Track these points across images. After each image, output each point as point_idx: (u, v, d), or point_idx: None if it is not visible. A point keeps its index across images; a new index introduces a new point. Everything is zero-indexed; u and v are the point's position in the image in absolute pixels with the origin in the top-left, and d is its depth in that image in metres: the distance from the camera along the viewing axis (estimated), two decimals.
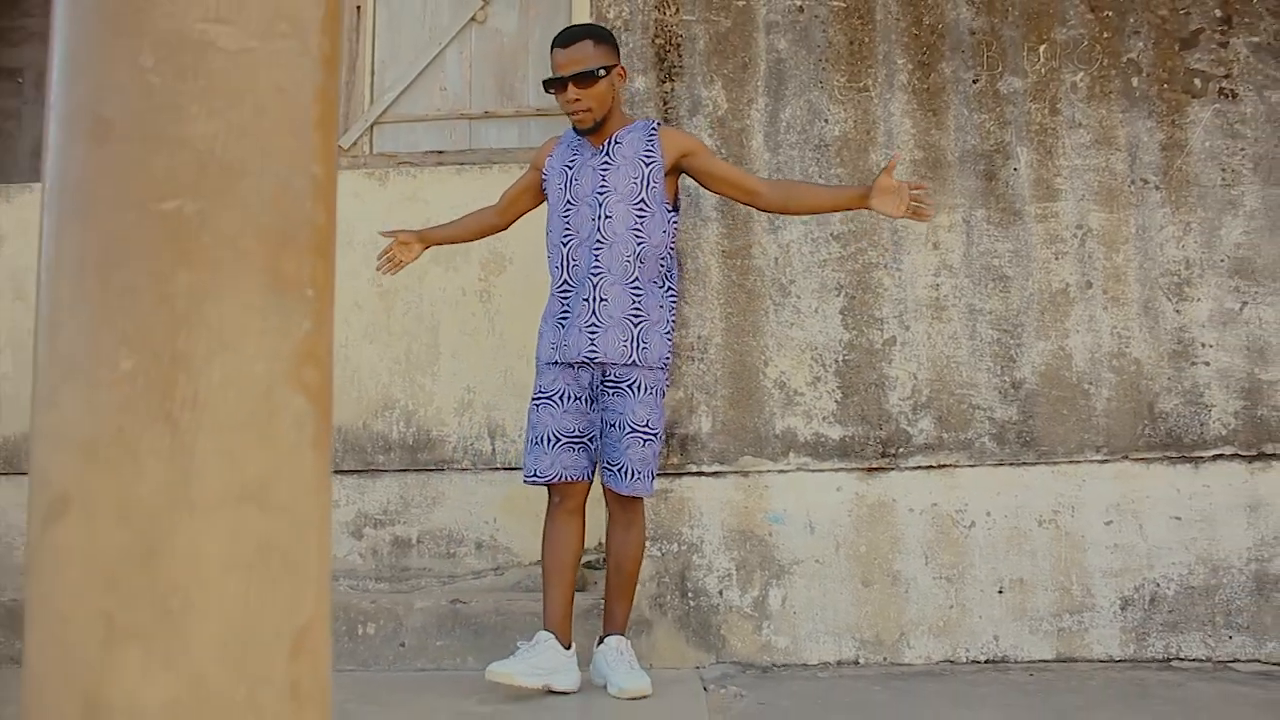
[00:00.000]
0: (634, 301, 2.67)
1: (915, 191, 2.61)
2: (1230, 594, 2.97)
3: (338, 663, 3.01)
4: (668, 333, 2.72)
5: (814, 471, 3.04)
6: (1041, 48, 3.17)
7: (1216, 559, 2.99)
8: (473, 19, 3.97)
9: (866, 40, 3.19)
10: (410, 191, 3.73)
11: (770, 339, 3.09)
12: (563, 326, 2.71)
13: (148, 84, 0.78)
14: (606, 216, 2.67)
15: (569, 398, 2.70)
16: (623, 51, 3.19)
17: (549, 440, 2.67)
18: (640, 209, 2.68)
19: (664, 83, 3.19)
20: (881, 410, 3.06)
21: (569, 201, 2.73)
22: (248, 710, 0.76)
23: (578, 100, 2.66)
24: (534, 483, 2.70)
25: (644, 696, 2.56)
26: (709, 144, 3.09)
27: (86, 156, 0.79)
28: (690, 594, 3.01)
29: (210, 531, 0.76)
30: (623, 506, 2.72)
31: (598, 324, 2.65)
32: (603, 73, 2.67)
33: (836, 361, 3.09)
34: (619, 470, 2.66)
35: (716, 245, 3.13)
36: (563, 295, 2.73)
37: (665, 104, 3.18)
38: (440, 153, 3.89)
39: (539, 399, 2.72)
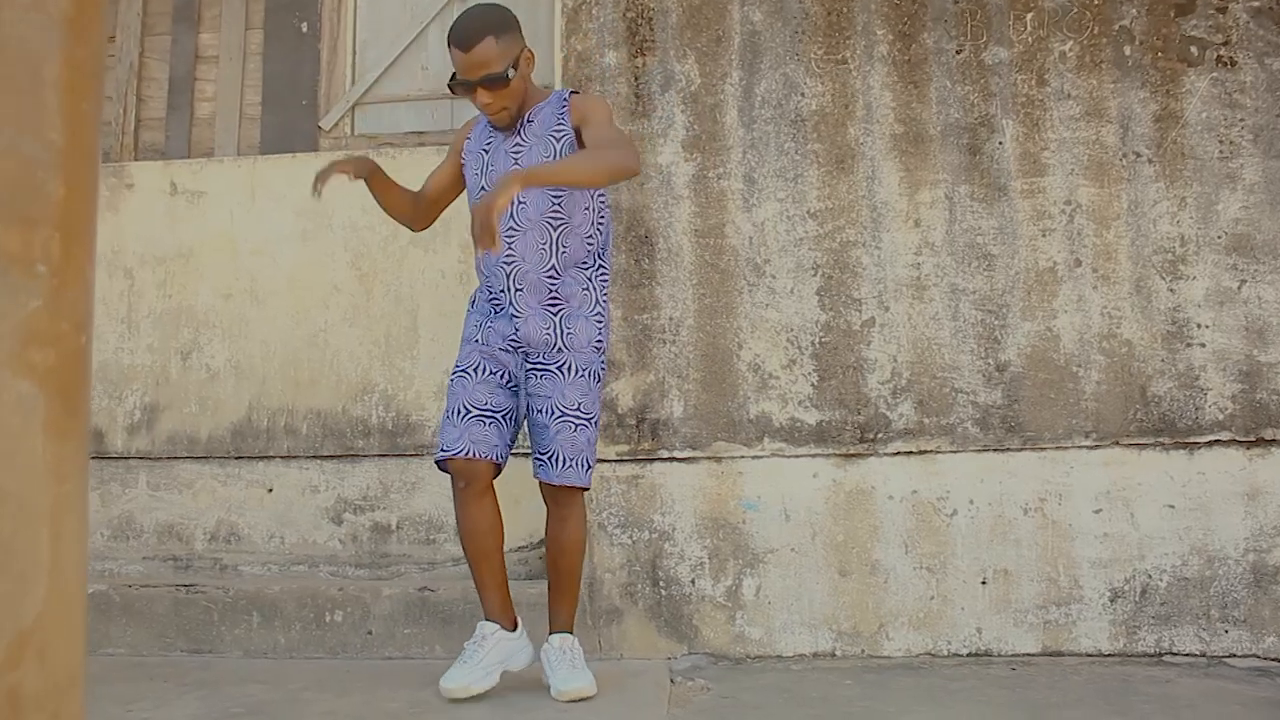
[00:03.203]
0: (551, 290, 2.51)
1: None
2: (1226, 586, 2.84)
3: (304, 650, 2.98)
4: (597, 314, 2.54)
5: (789, 457, 2.95)
6: (1028, 16, 3.04)
7: (1212, 549, 2.86)
8: None
9: (845, 10, 3.07)
10: (390, 172, 3.66)
11: (744, 320, 3.00)
12: (492, 313, 2.58)
13: None
14: (520, 202, 2.49)
15: (484, 370, 2.53)
16: (594, 26, 3.11)
17: (458, 412, 2.50)
18: (553, 192, 2.50)
19: (635, 57, 3.09)
20: (860, 394, 2.96)
21: (483, 188, 2.56)
22: None
23: (490, 103, 2.49)
24: (441, 459, 2.50)
25: (585, 698, 2.44)
26: (680, 120, 3.00)
27: None
28: (661, 583, 2.93)
29: None
30: (557, 500, 2.53)
31: (517, 313, 2.52)
32: (512, 72, 2.47)
33: (813, 343, 2.98)
34: (549, 458, 2.48)
35: (689, 224, 3.03)
36: (487, 284, 2.59)
37: (636, 79, 3.08)
38: (422, 133, 3.82)
39: (454, 373, 2.58)
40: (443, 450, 2.50)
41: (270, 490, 3.60)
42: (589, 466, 2.52)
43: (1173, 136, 2.98)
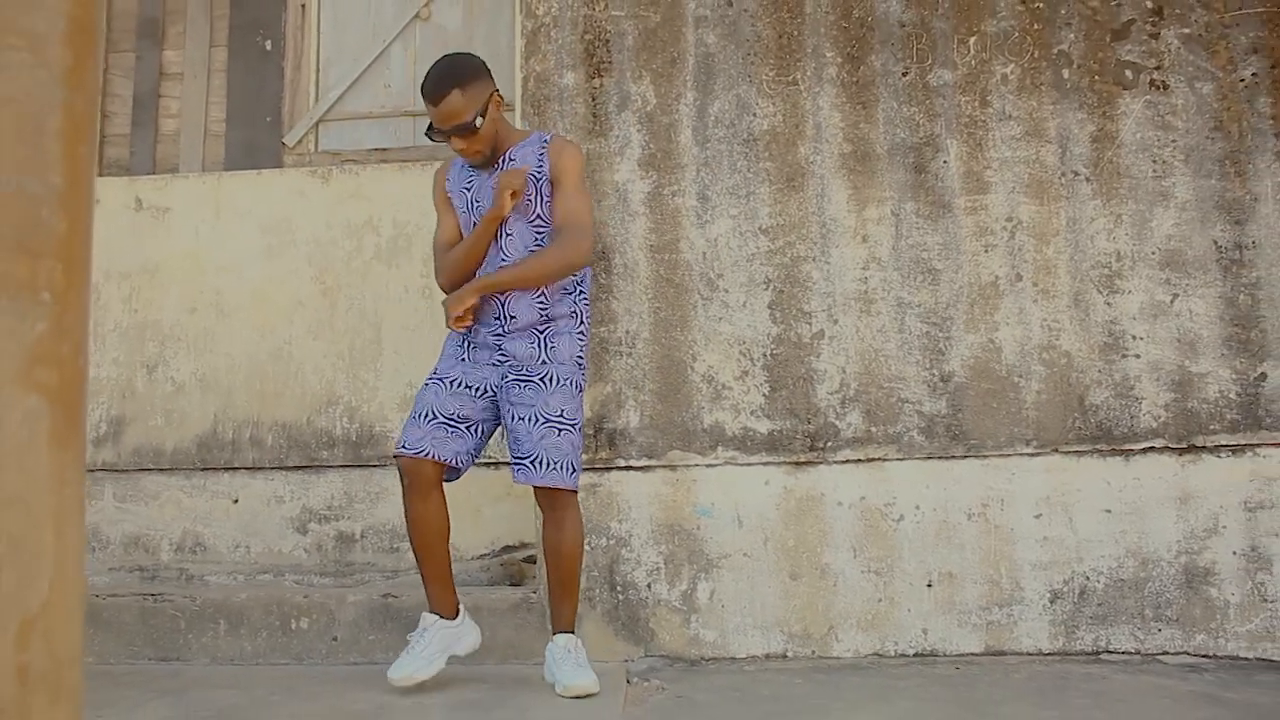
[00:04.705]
0: (541, 313, 2.66)
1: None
2: (1159, 587, 2.98)
3: (271, 657, 3.04)
4: (580, 332, 2.69)
5: (742, 465, 3.05)
6: (972, 40, 3.17)
7: (1146, 552, 2.99)
8: (417, 16, 3.98)
9: (795, 34, 3.19)
10: (353, 189, 3.74)
11: (698, 333, 3.10)
12: (467, 338, 2.71)
13: None
14: (507, 234, 2.66)
15: (460, 385, 2.66)
16: (552, 48, 3.21)
17: (425, 415, 2.62)
18: (538, 226, 2.67)
19: (593, 78, 3.19)
20: (810, 404, 3.07)
21: (474, 224, 2.70)
22: None
23: (464, 148, 2.64)
24: (400, 455, 2.62)
25: (589, 695, 2.52)
26: (636, 139, 3.11)
27: None
28: (619, 587, 3.02)
29: None
30: (551, 504, 2.64)
31: (502, 334, 2.66)
32: (480, 120, 2.59)
33: (764, 355, 3.09)
34: (532, 462, 2.58)
35: (644, 240, 3.13)
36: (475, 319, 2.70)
37: (594, 99, 3.18)
38: (385, 150, 3.90)
39: (429, 380, 2.69)
40: (403, 447, 2.62)
41: (236, 501, 3.66)
42: (574, 470, 2.62)
43: (1109, 156, 3.12)
